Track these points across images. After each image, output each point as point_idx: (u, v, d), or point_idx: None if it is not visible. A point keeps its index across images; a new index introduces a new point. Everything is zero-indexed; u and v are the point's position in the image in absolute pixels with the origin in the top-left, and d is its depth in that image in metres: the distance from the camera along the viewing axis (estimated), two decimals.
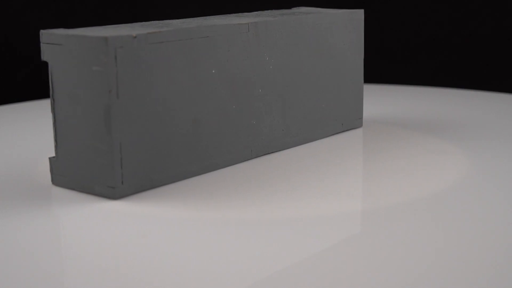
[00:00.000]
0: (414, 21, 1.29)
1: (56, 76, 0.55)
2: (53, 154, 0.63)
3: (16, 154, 0.67)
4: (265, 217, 0.51)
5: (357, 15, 0.73)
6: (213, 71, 0.59)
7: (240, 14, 0.68)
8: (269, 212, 0.52)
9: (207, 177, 0.59)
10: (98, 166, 0.54)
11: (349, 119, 0.73)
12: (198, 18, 0.64)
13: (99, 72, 0.52)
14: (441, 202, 0.54)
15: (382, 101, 0.91)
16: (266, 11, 0.71)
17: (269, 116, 0.65)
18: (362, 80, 0.74)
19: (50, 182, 0.58)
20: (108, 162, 0.53)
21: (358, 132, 0.73)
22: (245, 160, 0.63)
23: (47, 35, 0.55)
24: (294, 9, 0.74)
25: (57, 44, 0.54)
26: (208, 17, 0.65)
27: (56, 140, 0.56)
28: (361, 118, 0.75)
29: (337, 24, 0.70)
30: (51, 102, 0.56)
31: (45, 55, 0.55)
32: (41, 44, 0.55)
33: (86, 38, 0.53)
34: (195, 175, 0.59)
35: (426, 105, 0.89)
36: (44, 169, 0.61)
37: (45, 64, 1.08)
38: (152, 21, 0.61)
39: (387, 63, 1.30)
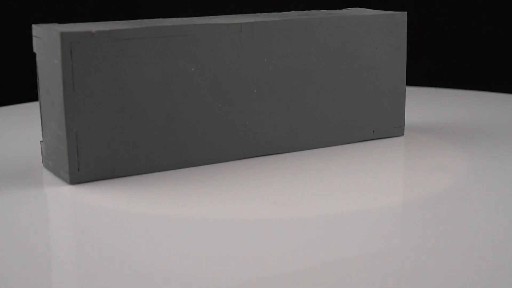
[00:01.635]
0: (415, 21, 1.22)
1: (39, 67, 0.60)
2: None
3: (28, 141, 0.73)
4: (215, 216, 0.52)
5: (398, 18, 0.69)
6: (193, 69, 0.61)
7: (257, 14, 0.68)
8: (222, 211, 0.53)
9: (183, 172, 0.61)
10: (61, 152, 0.58)
11: (383, 126, 0.70)
12: (203, 17, 0.65)
13: (58, 65, 0.56)
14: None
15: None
16: (301, 11, 0.70)
17: (268, 117, 0.64)
18: (404, 86, 0.70)
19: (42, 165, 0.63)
20: (66, 149, 0.57)
21: (391, 141, 0.70)
22: (235, 159, 0.64)
23: (35, 29, 0.60)
24: (344, 10, 0.72)
25: (39, 37, 0.59)
26: (214, 17, 0.66)
27: (42, 126, 0.61)
28: (401, 126, 0.71)
29: (368, 26, 0.67)
30: (38, 90, 0.61)
31: (34, 47, 0.60)
32: (33, 37, 0.61)
33: (52, 32, 0.57)
34: (168, 169, 0.61)
35: (438, 108, 0.82)
36: None
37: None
38: (150, 19, 0.64)
39: None
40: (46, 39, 0.58)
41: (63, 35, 0.56)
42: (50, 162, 0.61)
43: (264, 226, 0.50)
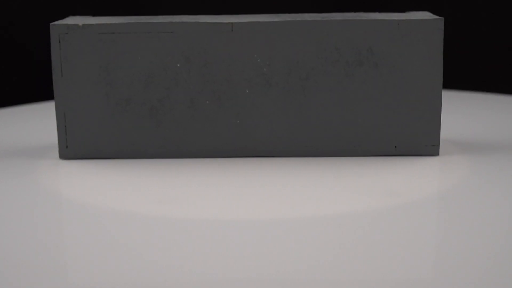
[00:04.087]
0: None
1: None
2: None
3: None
4: (169, 215, 0.54)
5: (432, 25, 0.62)
6: (178, 65, 0.63)
7: (277, 14, 0.67)
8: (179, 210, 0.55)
9: (165, 162, 0.64)
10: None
11: (411, 143, 0.64)
12: (202, 16, 0.66)
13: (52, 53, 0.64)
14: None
15: None
16: (345, 13, 0.67)
17: (263, 120, 0.64)
18: (440, 101, 0.63)
19: None
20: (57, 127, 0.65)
21: (417, 160, 0.64)
22: (224, 157, 0.65)
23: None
24: (406, 13, 0.67)
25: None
26: (214, 16, 0.66)
27: None
28: (435, 145, 0.64)
29: (390, 32, 0.62)
30: None
31: None
32: None
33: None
34: (152, 157, 0.65)
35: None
36: None
37: None
38: (147, 16, 0.67)
39: None
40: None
41: (52, 26, 0.63)
42: None
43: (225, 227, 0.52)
